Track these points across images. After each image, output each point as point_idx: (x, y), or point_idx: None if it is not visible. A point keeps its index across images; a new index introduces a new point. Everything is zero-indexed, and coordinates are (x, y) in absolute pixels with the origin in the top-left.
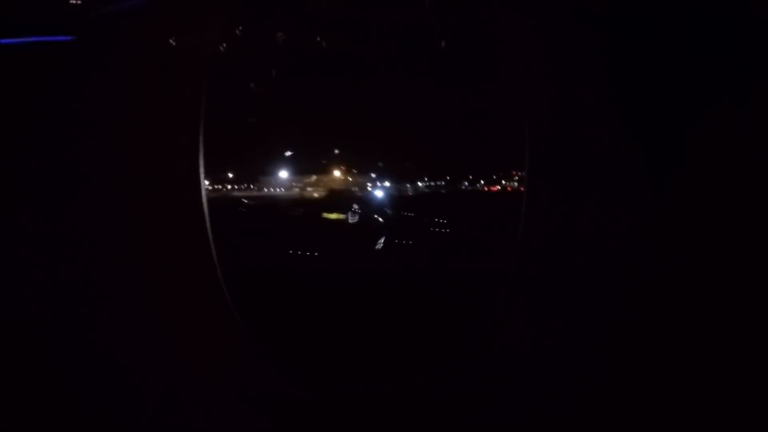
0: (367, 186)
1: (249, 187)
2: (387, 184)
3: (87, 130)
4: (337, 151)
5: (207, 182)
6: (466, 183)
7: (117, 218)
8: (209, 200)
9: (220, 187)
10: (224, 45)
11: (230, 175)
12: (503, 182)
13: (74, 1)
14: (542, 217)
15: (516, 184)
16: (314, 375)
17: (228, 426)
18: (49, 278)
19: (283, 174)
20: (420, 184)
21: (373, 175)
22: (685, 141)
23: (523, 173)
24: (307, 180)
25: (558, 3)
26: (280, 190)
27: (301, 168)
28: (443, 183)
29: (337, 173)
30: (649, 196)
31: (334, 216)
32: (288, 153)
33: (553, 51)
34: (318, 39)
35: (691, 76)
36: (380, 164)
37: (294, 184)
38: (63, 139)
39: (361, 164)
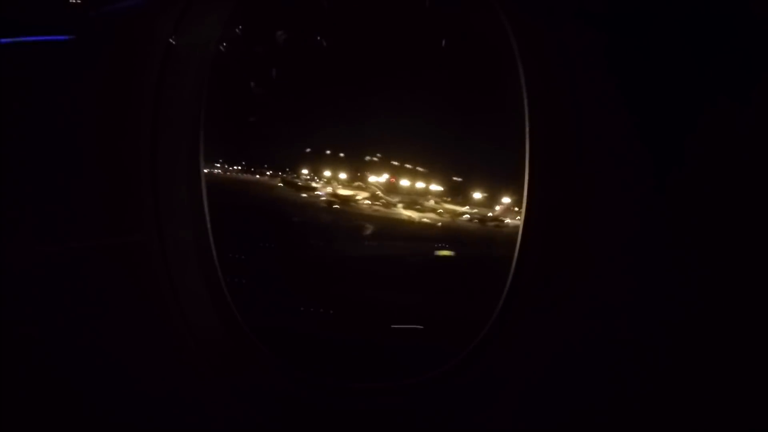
0: None
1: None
2: None
3: (87, 128)
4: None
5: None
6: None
7: (117, 218)
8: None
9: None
10: (224, 44)
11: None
12: None
13: (74, 1)
14: (542, 216)
15: None
16: (313, 375)
17: (228, 426)
18: (49, 279)
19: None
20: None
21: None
22: (686, 140)
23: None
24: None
25: (559, 3)
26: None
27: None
28: None
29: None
30: (650, 196)
31: None
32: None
33: (553, 51)
34: (318, 38)
35: (692, 76)
36: None
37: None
38: (63, 137)
39: None
